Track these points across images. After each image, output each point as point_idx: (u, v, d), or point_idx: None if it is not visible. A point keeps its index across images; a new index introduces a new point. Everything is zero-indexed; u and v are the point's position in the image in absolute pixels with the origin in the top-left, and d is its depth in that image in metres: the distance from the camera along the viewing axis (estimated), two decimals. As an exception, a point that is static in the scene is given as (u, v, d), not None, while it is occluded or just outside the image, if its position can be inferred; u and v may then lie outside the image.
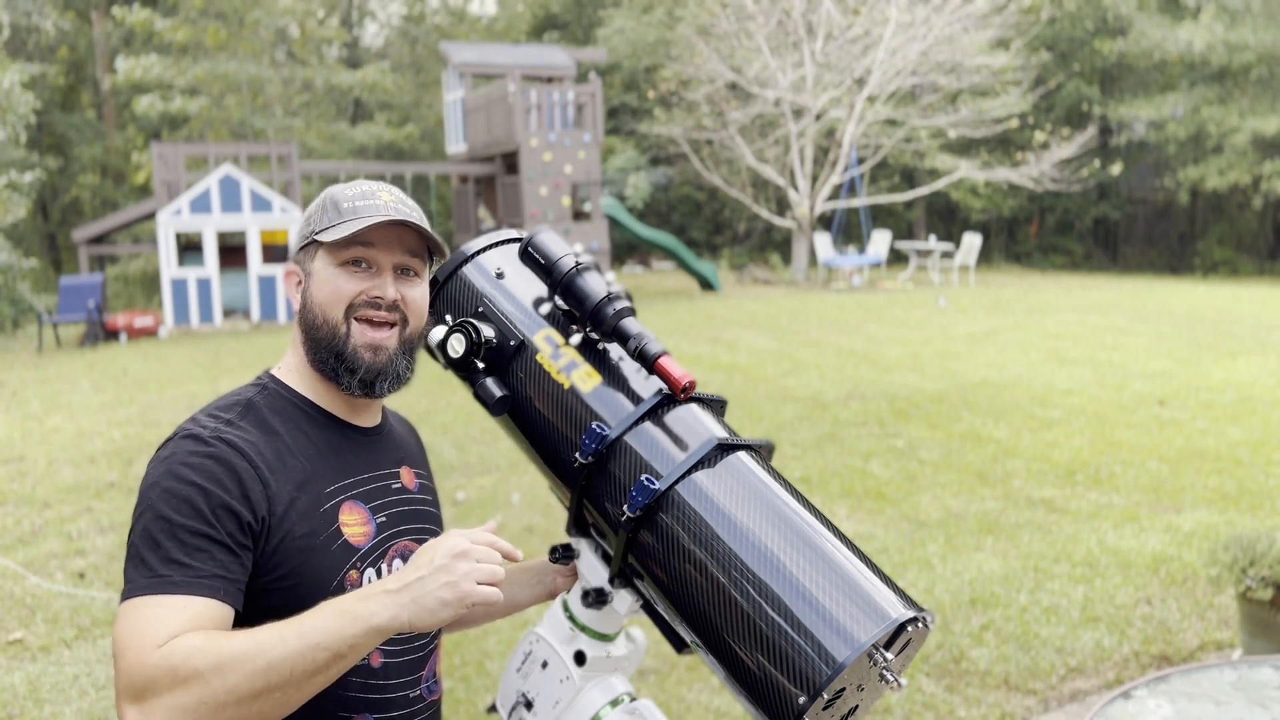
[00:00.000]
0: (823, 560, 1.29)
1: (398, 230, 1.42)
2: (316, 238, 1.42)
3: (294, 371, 1.48)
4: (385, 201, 1.43)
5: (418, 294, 1.46)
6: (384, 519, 1.45)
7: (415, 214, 1.45)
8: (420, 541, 1.50)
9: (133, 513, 1.32)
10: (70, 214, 28.78)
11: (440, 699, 1.56)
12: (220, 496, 1.28)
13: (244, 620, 1.33)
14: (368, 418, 1.51)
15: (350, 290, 1.41)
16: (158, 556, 1.25)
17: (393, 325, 1.43)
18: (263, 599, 1.32)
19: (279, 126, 23.55)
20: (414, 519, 1.51)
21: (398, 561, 1.45)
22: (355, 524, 1.40)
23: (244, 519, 1.29)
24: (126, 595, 1.26)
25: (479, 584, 1.19)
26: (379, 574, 1.41)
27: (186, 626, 1.21)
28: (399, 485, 1.51)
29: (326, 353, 1.42)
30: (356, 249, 1.41)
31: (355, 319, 1.41)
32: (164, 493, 1.28)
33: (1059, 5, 25.04)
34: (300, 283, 1.46)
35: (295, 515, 1.34)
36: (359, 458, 1.46)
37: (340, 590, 1.36)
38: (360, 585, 1.38)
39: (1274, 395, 8.69)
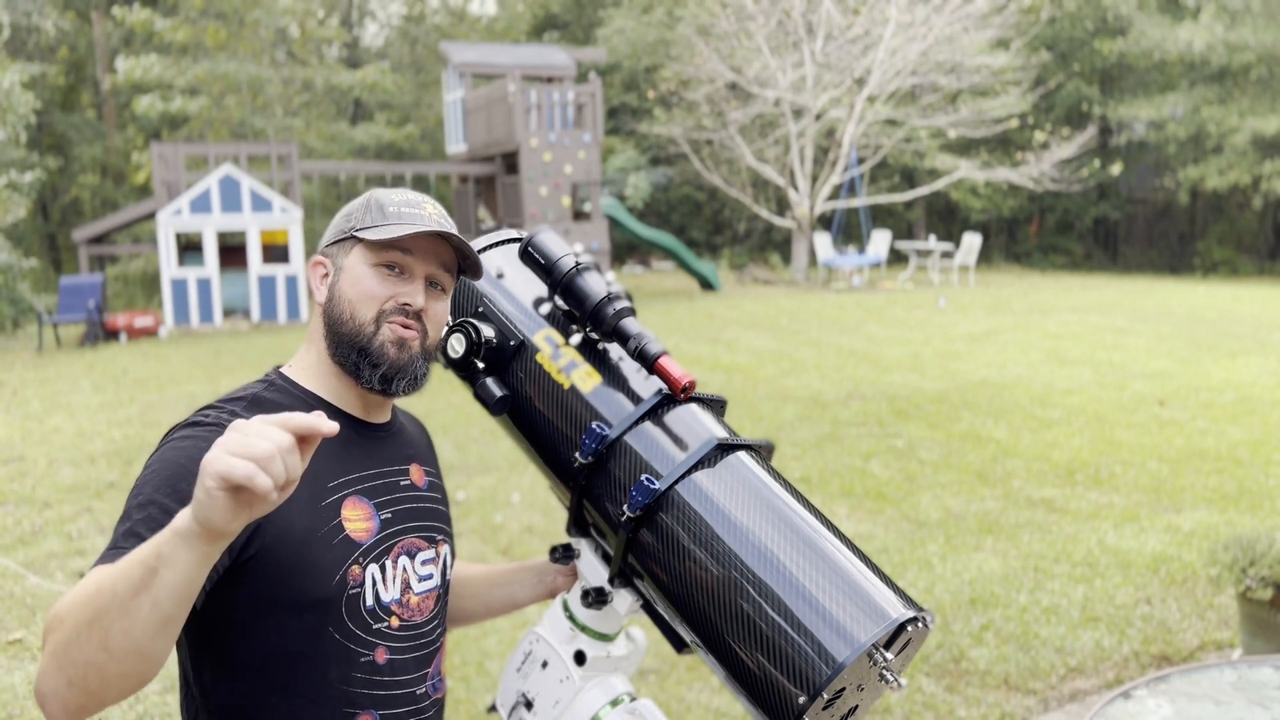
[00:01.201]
0: (822, 560, 1.30)
1: (436, 243, 1.44)
2: (358, 234, 1.43)
3: (307, 368, 1.48)
4: (429, 214, 1.45)
5: (440, 308, 1.47)
6: (389, 515, 1.45)
7: (455, 232, 1.47)
8: (428, 539, 1.50)
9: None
10: (70, 214, 28.78)
11: (444, 697, 1.56)
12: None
13: (245, 614, 1.33)
14: (379, 415, 1.52)
15: (382, 293, 1.42)
16: (123, 529, 1.24)
17: (415, 331, 1.44)
18: (263, 592, 1.32)
19: (279, 126, 23.55)
20: (421, 516, 1.51)
21: (403, 559, 1.45)
22: (358, 519, 1.40)
23: None
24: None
25: (231, 456, 1.01)
26: (383, 570, 1.41)
27: None
28: (408, 483, 1.51)
29: (349, 348, 1.42)
30: (395, 253, 1.42)
31: (385, 323, 1.42)
32: (151, 474, 1.29)
33: (1059, 5, 25.04)
34: (327, 275, 1.46)
35: (294, 509, 1.33)
36: (367, 454, 1.47)
37: (343, 585, 1.36)
38: (363, 581, 1.38)
39: (1274, 395, 8.69)
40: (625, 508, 1.36)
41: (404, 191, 1.47)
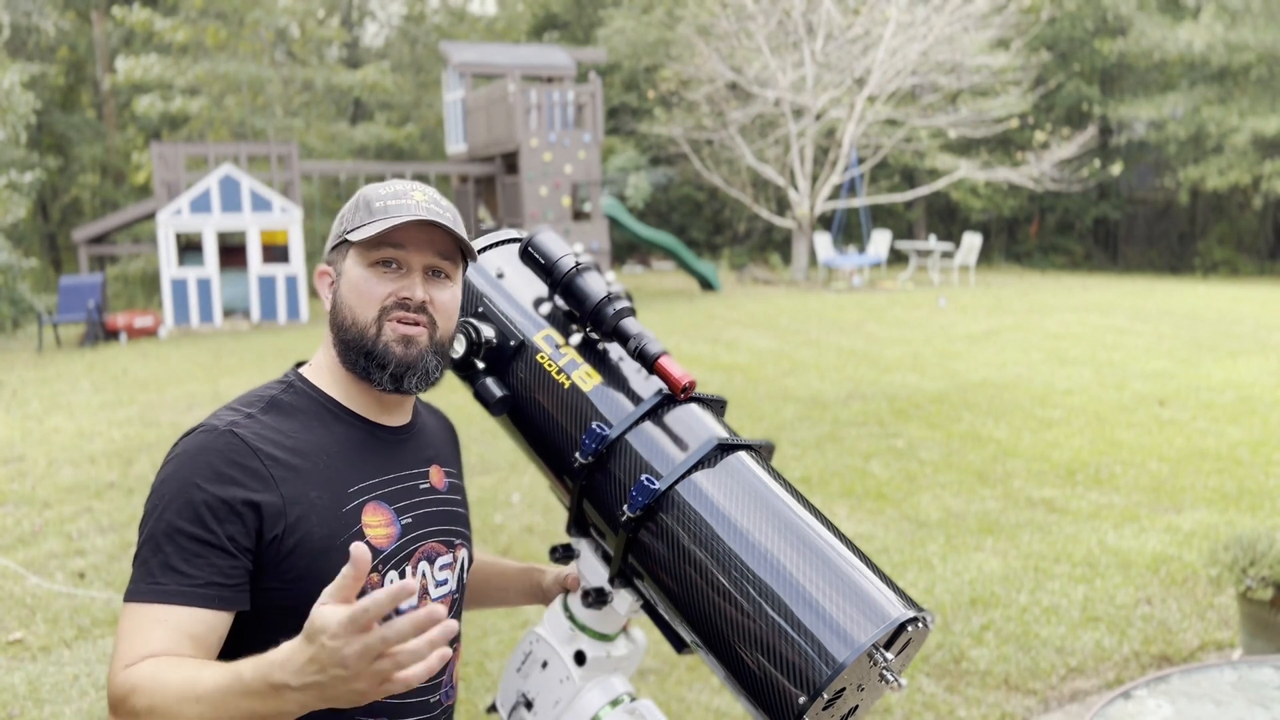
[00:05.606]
0: (822, 561, 1.30)
1: (429, 231, 1.40)
2: (347, 237, 1.40)
3: (323, 370, 1.47)
4: (418, 201, 1.40)
5: (447, 296, 1.43)
6: (409, 520, 1.43)
7: (449, 214, 1.42)
8: (446, 543, 1.48)
9: (145, 505, 1.33)
10: (70, 214, 28.78)
11: (454, 704, 1.55)
12: (226, 501, 1.29)
13: (262, 619, 1.32)
14: (398, 416, 1.49)
15: (380, 292, 1.39)
16: (158, 561, 1.28)
17: (421, 325, 1.40)
18: (280, 599, 1.31)
19: (279, 126, 23.55)
20: (441, 520, 1.49)
21: (423, 564, 1.44)
22: (378, 525, 1.39)
23: (249, 520, 1.29)
24: (126, 596, 1.29)
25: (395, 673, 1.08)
26: (402, 576, 1.40)
27: (163, 643, 1.23)
28: (427, 485, 1.49)
29: (356, 353, 1.40)
30: (386, 249, 1.39)
31: (386, 321, 1.39)
32: (172, 495, 1.30)
33: (1059, 5, 25.02)
34: (333, 283, 1.45)
35: (314, 518, 1.33)
36: (386, 458, 1.45)
37: (360, 594, 1.34)
38: (380, 588, 1.36)
39: (1274, 395, 8.68)
40: (625, 508, 1.36)
41: (393, 183, 1.44)
